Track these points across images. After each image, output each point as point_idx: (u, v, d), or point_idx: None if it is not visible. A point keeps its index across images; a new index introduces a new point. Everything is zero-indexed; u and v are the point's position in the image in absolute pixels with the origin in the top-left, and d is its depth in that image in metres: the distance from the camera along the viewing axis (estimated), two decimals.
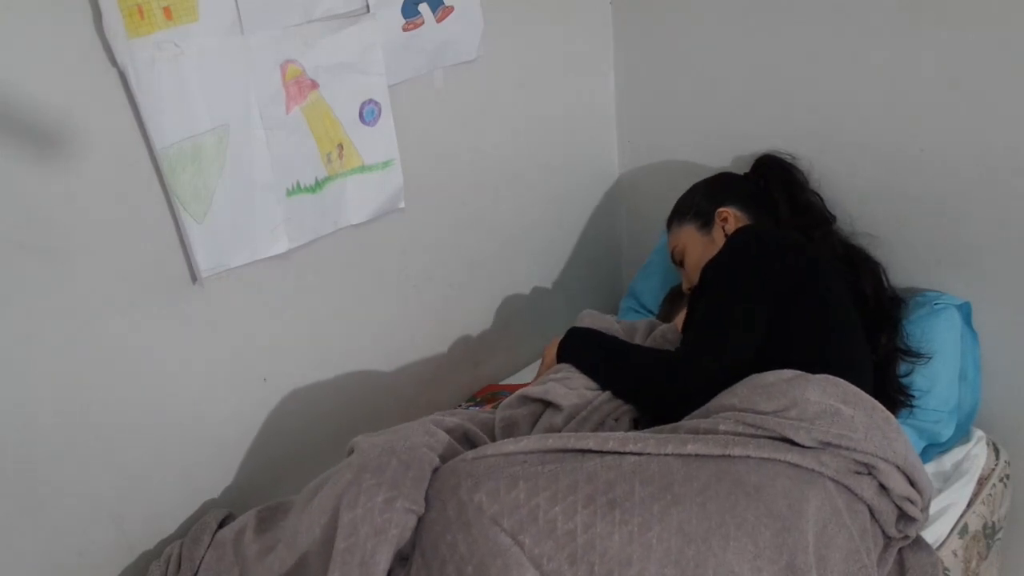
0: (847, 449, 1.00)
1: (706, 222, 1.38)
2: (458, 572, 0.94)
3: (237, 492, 1.37)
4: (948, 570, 1.17)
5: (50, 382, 1.11)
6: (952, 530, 1.21)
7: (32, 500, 1.14)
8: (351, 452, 1.12)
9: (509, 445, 1.03)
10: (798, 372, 1.08)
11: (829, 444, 1.00)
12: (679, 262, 1.44)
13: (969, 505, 1.24)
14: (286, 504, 1.17)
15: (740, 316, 1.16)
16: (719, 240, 1.33)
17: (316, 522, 1.01)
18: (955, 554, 1.19)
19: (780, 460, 0.99)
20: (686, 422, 1.08)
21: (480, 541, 0.94)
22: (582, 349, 1.29)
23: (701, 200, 1.42)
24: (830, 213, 1.40)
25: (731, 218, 1.35)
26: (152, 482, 1.25)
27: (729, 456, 0.99)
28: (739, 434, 1.02)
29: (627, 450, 1.00)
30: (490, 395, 1.64)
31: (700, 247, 1.38)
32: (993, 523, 1.28)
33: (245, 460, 1.38)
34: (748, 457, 0.99)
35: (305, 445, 1.44)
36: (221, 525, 1.22)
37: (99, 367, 1.15)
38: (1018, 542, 1.40)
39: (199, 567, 1.14)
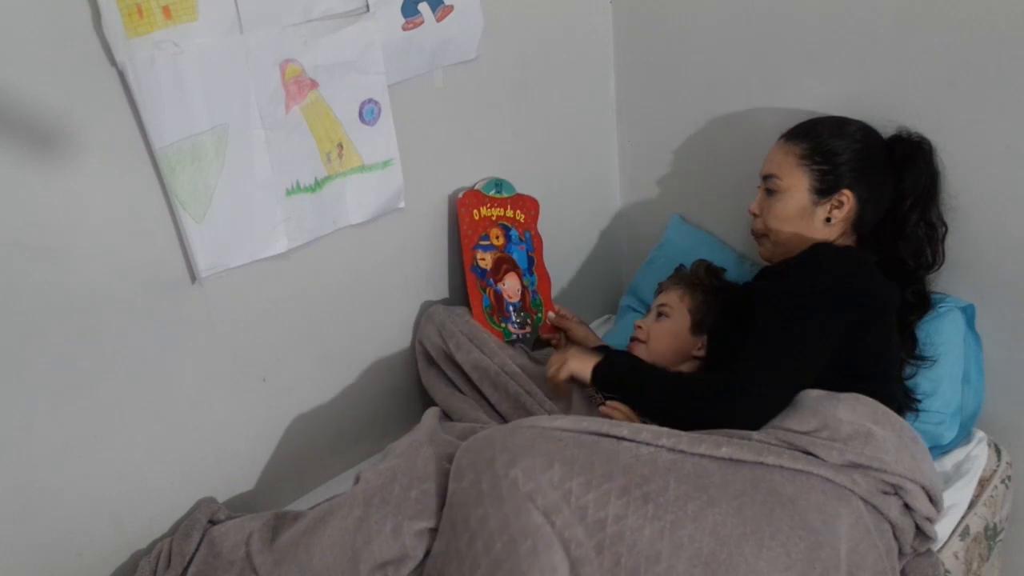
0: (878, 471, 1.00)
1: (825, 189, 1.22)
2: (487, 547, 0.94)
3: (236, 492, 1.37)
4: (949, 572, 1.16)
5: (49, 382, 1.11)
6: (953, 532, 1.20)
7: (31, 500, 1.14)
8: (357, 481, 1.13)
9: (545, 421, 1.03)
10: (825, 392, 1.07)
11: (860, 466, 1.00)
12: (768, 188, 1.27)
13: (970, 507, 1.24)
14: (292, 514, 1.17)
15: (807, 350, 1.10)
16: (818, 218, 1.23)
17: (329, 553, 1.03)
18: (956, 556, 1.19)
19: (813, 473, 0.99)
20: (716, 430, 1.07)
21: (512, 518, 0.94)
22: (622, 377, 1.23)
23: (842, 162, 1.22)
24: (943, 253, 1.27)
25: (846, 207, 1.22)
26: (151, 482, 1.25)
27: (763, 464, 0.99)
28: (772, 444, 1.01)
29: (660, 443, 0.99)
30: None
31: (796, 205, 1.24)
32: (994, 525, 1.28)
33: (244, 460, 1.38)
34: (782, 467, 0.99)
35: (304, 445, 1.44)
36: (212, 521, 1.22)
37: (98, 367, 1.15)
38: (1020, 544, 1.40)
39: (190, 562, 1.14)
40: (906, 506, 1.03)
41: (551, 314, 1.58)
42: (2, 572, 1.13)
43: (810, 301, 1.13)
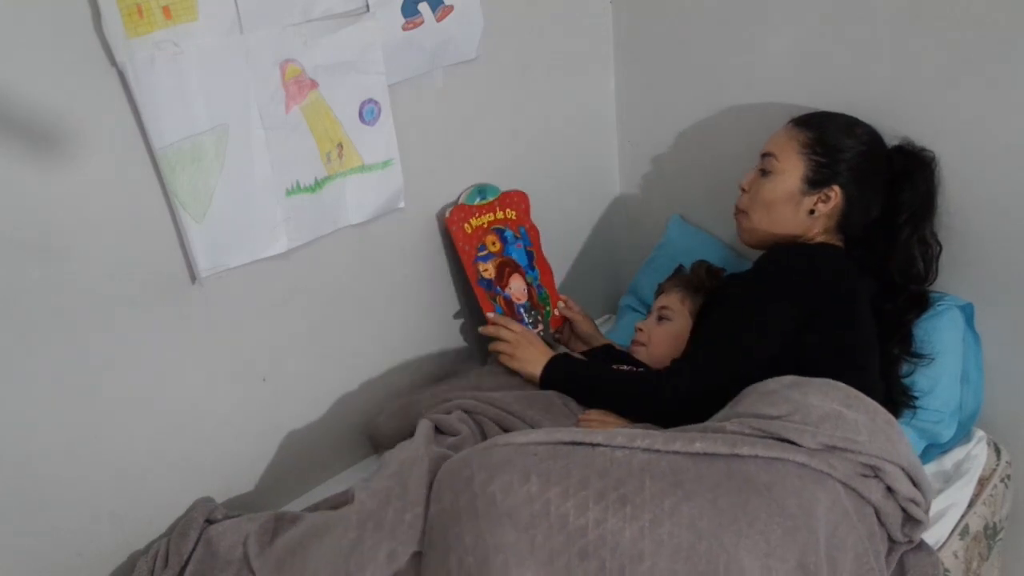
0: (853, 452, 1.01)
1: (817, 181, 1.24)
2: (459, 562, 0.94)
3: (236, 492, 1.37)
4: (948, 571, 1.16)
5: (49, 382, 1.11)
6: (953, 531, 1.20)
7: (32, 500, 1.14)
8: (352, 498, 1.13)
9: (519, 437, 1.04)
10: (797, 377, 1.09)
11: (835, 448, 1.01)
12: (763, 167, 1.29)
13: (970, 506, 1.24)
14: (288, 516, 1.17)
15: (738, 348, 1.17)
16: (803, 208, 1.25)
17: (323, 573, 1.03)
18: (956, 555, 1.19)
19: (789, 460, 0.99)
20: (692, 424, 1.09)
21: (486, 534, 0.94)
22: (566, 381, 1.32)
23: (842, 159, 1.24)
24: (936, 271, 1.28)
25: (833, 202, 1.24)
26: (151, 482, 1.25)
27: (738, 455, 0.99)
28: (745, 434, 1.02)
29: (635, 445, 1.01)
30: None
31: (785, 190, 1.26)
32: (994, 524, 1.28)
33: (244, 460, 1.38)
34: (757, 456, 0.99)
35: (304, 445, 1.44)
36: (209, 520, 1.22)
37: (98, 367, 1.15)
38: (1019, 543, 1.40)
39: (187, 561, 1.14)
40: (889, 489, 1.03)
41: (560, 303, 1.57)
42: (2, 572, 1.13)
43: (749, 299, 1.20)
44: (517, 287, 1.53)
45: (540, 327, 1.54)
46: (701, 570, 0.91)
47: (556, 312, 1.57)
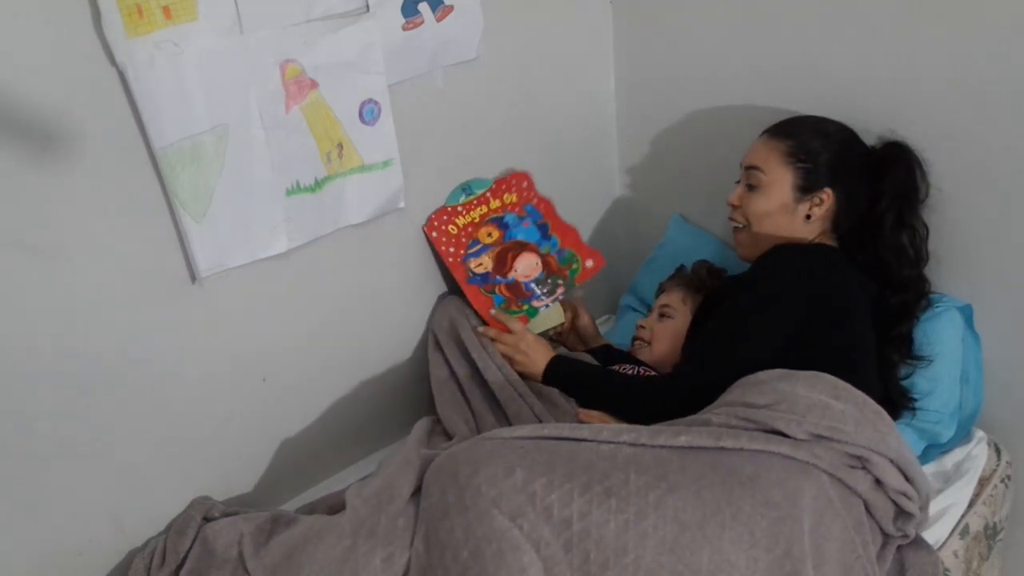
0: (839, 442, 1.01)
1: (807, 187, 1.26)
2: (454, 557, 0.95)
3: (236, 492, 1.38)
4: (948, 571, 1.16)
5: (50, 382, 1.11)
6: (953, 531, 1.21)
7: (32, 500, 1.14)
8: (345, 503, 1.14)
9: (505, 432, 1.05)
10: (786, 370, 1.09)
11: (821, 437, 1.01)
12: (750, 182, 1.30)
13: (970, 506, 1.24)
14: (285, 518, 1.17)
15: (738, 352, 1.17)
16: (799, 215, 1.26)
17: None
18: (956, 555, 1.19)
19: (774, 452, 1.00)
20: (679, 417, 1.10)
21: (476, 525, 0.95)
22: (569, 380, 1.32)
23: (823, 161, 1.25)
24: (926, 252, 1.28)
25: (825, 204, 1.25)
26: (151, 482, 1.25)
27: (723, 448, 1.00)
28: (731, 426, 1.03)
29: (620, 440, 1.01)
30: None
31: (778, 201, 1.27)
32: (994, 524, 1.28)
33: (244, 460, 1.38)
34: (742, 449, 1.00)
35: (304, 445, 1.44)
36: (207, 518, 1.23)
37: (98, 367, 1.15)
38: (1019, 543, 1.40)
39: (184, 559, 1.15)
40: (878, 482, 1.03)
41: (589, 263, 1.54)
42: (2, 572, 1.14)
43: (748, 302, 1.19)
44: (525, 265, 1.51)
45: (562, 288, 1.52)
46: (686, 562, 0.91)
47: (589, 264, 1.54)
